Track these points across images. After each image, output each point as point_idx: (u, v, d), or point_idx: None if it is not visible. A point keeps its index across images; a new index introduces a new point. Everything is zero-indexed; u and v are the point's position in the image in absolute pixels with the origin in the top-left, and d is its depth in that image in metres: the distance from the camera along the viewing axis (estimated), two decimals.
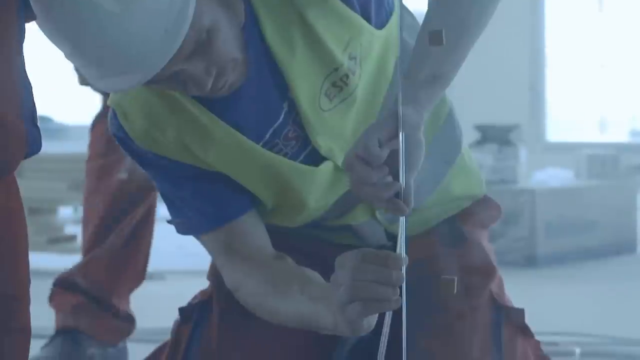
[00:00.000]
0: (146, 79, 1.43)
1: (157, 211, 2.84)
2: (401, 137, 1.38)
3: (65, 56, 1.43)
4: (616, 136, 8.01)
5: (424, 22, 1.52)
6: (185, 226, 1.65)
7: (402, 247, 1.39)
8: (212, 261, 1.73)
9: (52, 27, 1.39)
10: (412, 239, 1.58)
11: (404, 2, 1.62)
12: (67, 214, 6.10)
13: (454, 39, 1.46)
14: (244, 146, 1.56)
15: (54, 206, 4.80)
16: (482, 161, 4.87)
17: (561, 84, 7.99)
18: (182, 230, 1.66)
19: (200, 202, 1.61)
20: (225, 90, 1.50)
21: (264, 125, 1.56)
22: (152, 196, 2.78)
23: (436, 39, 1.37)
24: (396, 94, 1.42)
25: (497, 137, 5.02)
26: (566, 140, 7.80)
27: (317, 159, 1.59)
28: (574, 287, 4.35)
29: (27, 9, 1.32)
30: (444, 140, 1.69)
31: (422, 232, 1.71)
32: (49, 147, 1.38)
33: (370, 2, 1.57)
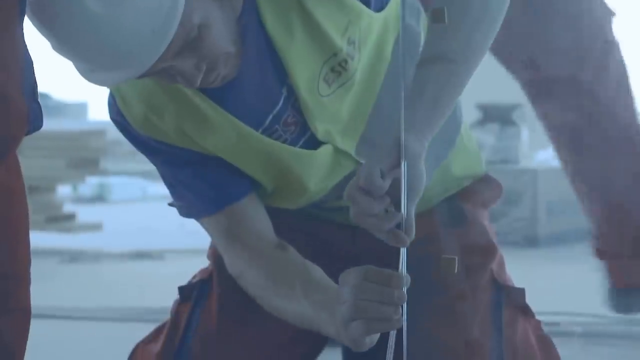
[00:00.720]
0: (134, 76, 1.43)
1: (156, 190, 2.82)
2: (403, 166, 1.37)
3: (52, 47, 1.42)
4: None
5: (424, 48, 1.50)
6: (186, 210, 1.66)
7: (403, 266, 1.39)
8: (212, 241, 1.73)
9: (39, 18, 1.39)
10: None
11: None
12: (65, 192, 6.10)
13: (456, 62, 1.46)
14: (242, 133, 1.56)
15: (53, 184, 4.78)
16: (484, 141, 4.85)
17: None
18: (184, 213, 1.67)
19: (200, 185, 1.62)
20: (217, 83, 1.50)
21: (263, 111, 1.56)
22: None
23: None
24: (398, 122, 1.41)
25: (499, 116, 5.00)
26: None
27: (316, 144, 1.59)
28: (575, 267, 4.34)
29: None
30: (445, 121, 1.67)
31: (422, 211, 1.69)
32: (47, 124, 1.40)
33: None
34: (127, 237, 5.00)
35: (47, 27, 1.38)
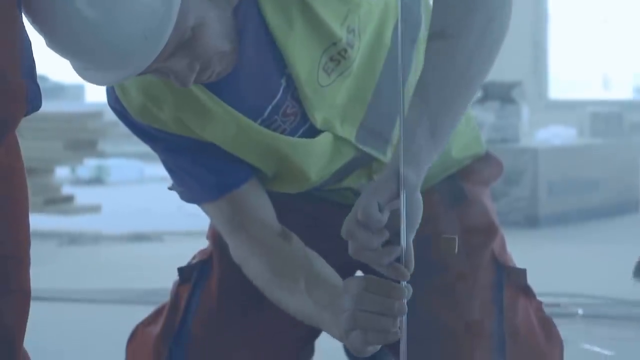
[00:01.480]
0: (127, 77, 1.43)
1: (154, 172, 2.81)
2: (403, 198, 1.36)
3: (45, 45, 1.42)
4: (620, 93, 7.96)
5: (421, 76, 1.48)
6: (187, 195, 1.65)
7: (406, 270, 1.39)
8: (216, 227, 1.73)
9: (32, 17, 1.37)
10: None
11: None
12: (64, 175, 6.08)
13: (452, 94, 1.45)
14: (241, 124, 1.56)
15: (51, 166, 4.77)
16: (484, 119, 4.83)
17: (564, 41, 7.94)
18: (186, 198, 1.66)
19: (200, 172, 1.61)
20: (212, 79, 1.49)
21: (262, 102, 1.56)
22: None
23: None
24: (397, 152, 1.40)
25: (499, 94, 4.98)
26: (569, 97, 7.77)
27: (316, 133, 1.59)
28: (576, 247, 4.34)
29: None
30: None
31: (421, 190, 1.68)
32: (45, 106, 1.39)
33: None
34: (126, 219, 5.00)
35: (41, 27, 1.38)
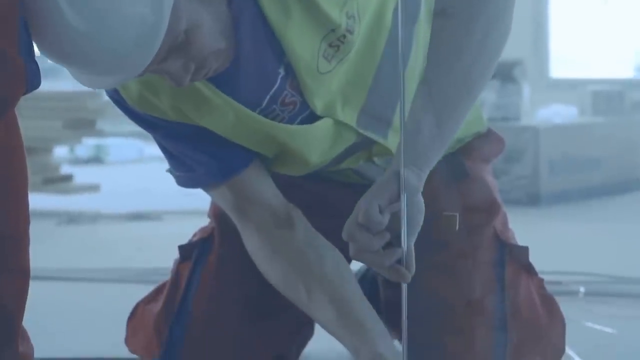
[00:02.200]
0: (121, 82, 1.43)
1: (153, 151, 2.79)
2: (404, 200, 1.36)
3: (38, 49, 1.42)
4: (621, 72, 7.94)
5: (422, 80, 1.47)
6: (184, 180, 1.64)
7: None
8: (213, 200, 1.73)
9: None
10: None
11: None
12: (62, 154, 6.07)
13: (454, 97, 1.44)
14: (239, 114, 1.55)
15: (49, 145, 4.75)
16: (485, 98, 4.81)
17: (565, 20, 7.92)
18: (182, 183, 1.65)
19: (201, 158, 1.61)
20: (209, 75, 1.48)
21: (260, 92, 1.55)
22: None
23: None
24: (397, 152, 1.39)
25: (500, 73, 4.95)
26: (570, 76, 7.74)
27: (316, 120, 1.58)
28: (578, 226, 4.33)
29: None
30: None
31: None
32: (44, 85, 1.39)
33: None
34: (125, 199, 4.98)
35: (33, 36, 1.35)
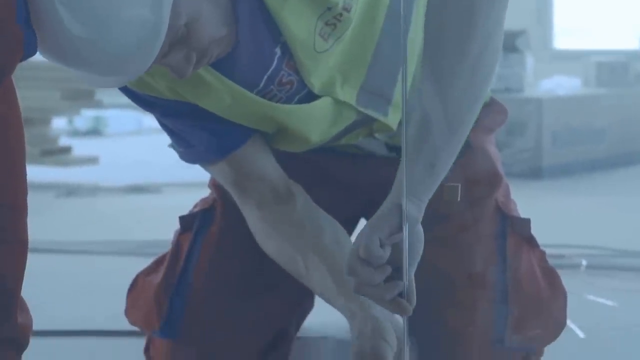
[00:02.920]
0: (124, 83, 1.44)
1: (152, 123, 2.78)
2: (405, 232, 1.34)
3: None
4: (625, 43, 7.90)
5: (419, 106, 1.43)
6: (187, 156, 1.64)
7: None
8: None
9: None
10: None
11: None
12: (61, 125, 6.04)
13: (451, 124, 1.41)
14: (236, 95, 1.54)
15: (48, 117, 4.72)
16: None
17: None
18: (186, 158, 1.65)
19: (200, 135, 1.60)
20: (211, 61, 1.48)
21: (258, 72, 1.54)
22: None
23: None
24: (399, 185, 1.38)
25: (503, 43, 4.91)
26: (574, 47, 7.72)
27: (314, 99, 1.57)
28: (580, 198, 4.32)
29: None
30: None
31: None
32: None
33: None
34: (124, 171, 4.97)
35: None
